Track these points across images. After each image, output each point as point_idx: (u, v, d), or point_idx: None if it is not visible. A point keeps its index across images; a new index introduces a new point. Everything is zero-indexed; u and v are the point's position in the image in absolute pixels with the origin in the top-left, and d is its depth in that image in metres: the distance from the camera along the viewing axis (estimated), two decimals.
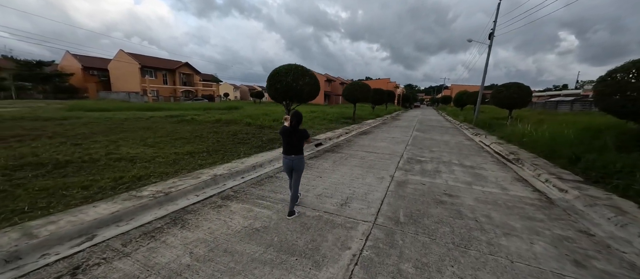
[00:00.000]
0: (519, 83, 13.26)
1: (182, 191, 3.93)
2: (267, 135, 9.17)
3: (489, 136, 11.03)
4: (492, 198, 4.20)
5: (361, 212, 3.52)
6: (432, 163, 6.52)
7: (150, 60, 36.89)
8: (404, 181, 4.93)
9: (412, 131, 13.54)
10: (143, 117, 13.31)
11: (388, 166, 6.01)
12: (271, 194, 4.12)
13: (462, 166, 6.29)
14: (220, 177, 4.66)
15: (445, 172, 5.66)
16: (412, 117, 25.71)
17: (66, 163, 4.75)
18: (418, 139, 10.67)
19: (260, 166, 5.69)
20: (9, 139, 6.43)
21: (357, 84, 15.91)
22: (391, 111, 32.51)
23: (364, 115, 21.36)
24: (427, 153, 7.79)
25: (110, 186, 3.93)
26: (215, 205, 3.63)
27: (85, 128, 8.77)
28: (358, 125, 14.90)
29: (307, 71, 8.25)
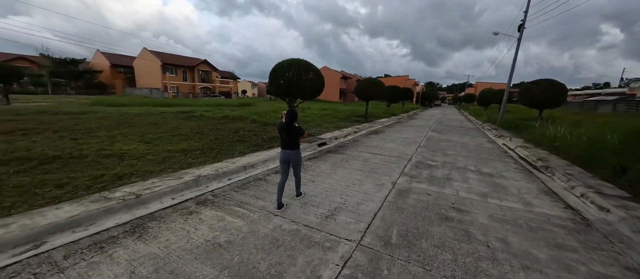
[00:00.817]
0: (551, 80, 11.87)
1: (157, 194, 3.65)
2: (269, 133, 8.84)
3: (514, 138, 9.93)
4: (511, 216, 3.50)
5: (347, 228, 3.01)
6: (444, 168, 5.80)
7: (171, 58, 38.24)
8: (406, 190, 4.33)
9: (427, 131, 12.62)
10: (155, 112, 13.57)
11: (392, 171, 5.40)
12: (252, 200, 3.73)
13: (478, 173, 5.53)
14: (204, 179, 4.35)
15: (458, 180, 4.96)
16: (430, 116, 24.36)
17: (54, 158, 4.68)
18: (432, 140, 9.84)
19: (252, 166, 5.34)
20: (16, 132, 6.60)
21: (369, 81, 15.16)
22: (408, 109, 31.14)
23: (378, 114, 20.51)
24: (439, 156, 7.04)
25: (86, 185, 3.74)
26: (186, 212, 3.30)
27: (95, 123, 8.95)
28: (370, 124, 14.21)
29: (310, 66, 7.77)
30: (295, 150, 3.47)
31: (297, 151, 3.49)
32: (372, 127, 13.47)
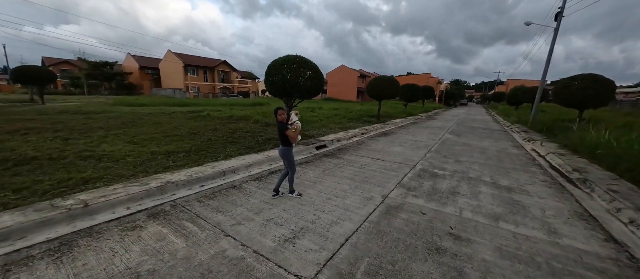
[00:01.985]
0: (595, 75, 10.20)
1: (111, 202, 3.33)
2: (268, 133, 8.43)
3: (546, 143, 8.59)
4: (527, 250, 2.69)
5: (304, 258, 2.43)
6: (452, 179, 4.95)
7: (192, 59, 39.74)
8: (397, 207, 3.62)
9: (443, 133, 11.50)
10: (167, 112, 13.83)
11: (387, 181, 4.69)
12: (211, 214, 3.27)
13: (494, 186, 4.62)
14: (172, 185, 3.98)
15: (465, 195, 4.13)
16: (452, 116, 22.65)
17: (31, 160, 4.60)
18: (447, 144, 8.82)
19: (233, 171, 4.92)
20: (19, 131, 6.82)
21: (382, 78, 14.24)
22: (428, 109, 29.36)
23: (393, 114, 19.43)
24: (450, 163, 6.14)
25: (45, 189, 3.53)
26: (129, 226, 2.91)
27: (102, 123, 9.15)
28: (381, 125, 13.33)
29: (308, 63, 7.22)
30: (283, 147, 3.66)
31: (284, 148, 3.67)
32: (383, 127, 12.60)
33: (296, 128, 3.66)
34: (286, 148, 3.67)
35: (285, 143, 3.64)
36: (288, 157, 3.71)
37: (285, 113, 3.64)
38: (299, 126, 3.71)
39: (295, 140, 3.69)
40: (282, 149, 3.69)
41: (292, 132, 3.58)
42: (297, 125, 3.69)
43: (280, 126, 3.59)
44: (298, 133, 3.68)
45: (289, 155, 3.71)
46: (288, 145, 3.66)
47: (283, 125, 3.58)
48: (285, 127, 3.57)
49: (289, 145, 3.66)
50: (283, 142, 3.65)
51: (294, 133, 3.60)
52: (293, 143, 3.69)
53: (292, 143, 3.68)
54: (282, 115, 3.60)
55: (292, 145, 3.72)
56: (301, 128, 3.74)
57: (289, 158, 3.72)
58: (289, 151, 3.71)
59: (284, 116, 3.62)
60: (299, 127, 3.71)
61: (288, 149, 3.69)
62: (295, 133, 3.61)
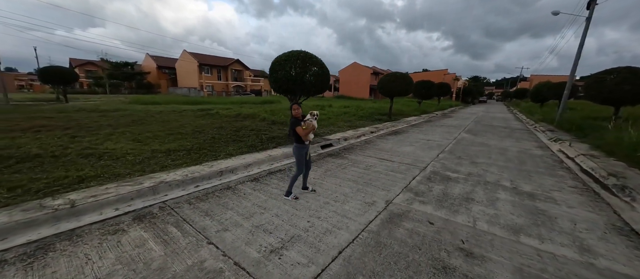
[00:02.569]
0: (632, 68, 9.16)
1: (100, 203, 3.22)
2: (273, 132, 8.24)
3: (575, 143, 7.80)
4: (555, 273, 2.26)
5: (288, 274, 2.16)
6: (466, 183, 4.50)
7: (206, 58, 40.55)
8: (401, 214, 3.27)
9: (459, 132, 10.83)
10: (178, 110, 14.05)
11: (393, 184, 4.32)
12: (199, 217, 3.08)
13: (515, 192, 4.13)
14: (165, 186, 3.85)
15: (481, 202, 3.69)
16: (470, 114, 21.54)
17: (34, 157, 4.64)
18: (463, 144, 8.23)
19: (231, 171, 4.74)
20: (33, 129, 7.04)
21: (394, 75, 13.66)
22: (444, 107, 28.20)
23: (407, 112, 18.75)
24: (465, 166, 5.64)
25: (39, 188, 3.48)
26: (112, 230, 2.77)
27: (112, 121, 9.35)
28: (392, 123, 12.82)
29: (313, 59, 6.91)
30: (294, 144, 3.57)
31: (294, 145, 3.58)
32: (394, 126, 12.10)
33: (307, 126, 3.42)
34: (296, 146, 3.53)
35: (297, 140, 3.51)
36: (296, 155, 3.55)
37: (300, 109, 3.50)
38: (311, 124, 3.45)
39: (306, 139, 3.48)
40: (293, 146, 3.57)
41: (302, 129, 3.38)
42: (309, 123, 3.45)
43: (292, 121, 3.46)
44: (309, 131, 3.45)
45: (298, 153, 3.53)
46: (299, 142, 3.50)
47: (296, 121, 3.44)
48: (298, 123, 3.42)
49: (300, 142, 3.49)
50: (295, 139, 3.53)
51: (303, 131, 3.39)
52: (305, 141, 3.48)
53: (305, 141, 3.48)
54: (297, 111, 3.47)
55: (304, 143, 3.50)
56: (315, 127, 3.49)
57: (297, 157, 3.55)
58: (299, 150, 3.52)
59: (299, 112, 3.49)
60: (312, 126, 3.46)
61: (298, 146, 3.52)
62: (305, 131, 3.40)
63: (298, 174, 3.65)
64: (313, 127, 3.48)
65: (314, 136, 3.75)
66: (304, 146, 3.53)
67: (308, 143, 3.58)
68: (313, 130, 3.51)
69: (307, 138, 3.47)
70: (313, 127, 3.49)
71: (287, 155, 5.98)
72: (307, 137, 3.47)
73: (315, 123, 3.50)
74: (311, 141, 3.68)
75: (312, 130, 3.50)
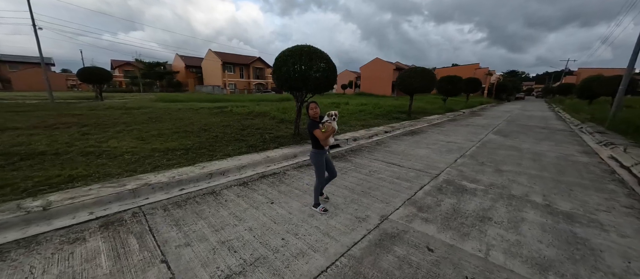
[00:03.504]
0: None
1: (76, 206, 3.11)
2: (279, 131, 7.96)
3: (633, 149, 6.49)
4: None
5: None
6: (485, 196, 3.79)
7: (230, 57, 41.78)
8: (395, 235, 2.73)
9: (486, 133, 9.70)
10: (196, 107, 14.40)
11: (395, 195, 3.76)
12: (168, 227, 2.82)
13: (547, 211, 3.36)
14: (148, 189, 3.69)
15: (500, 223, 3.01)
16: (503, 112, 19.59)
17: (38, 154, 4.79)
18: (489, 147, 7.27)
19: (222, 174, 4.50)
20: (53, 126, 7.46)
21: (414, 70, 12.68)
22: (474, 104, 26.04)
23: (429, 109, 17.51)
24: (487, 174, 4.85)
25: (27, 187, 3.49)
26: (72, 238, 2.60)
27: (130, 118, 9.72)
28: (411, 122, 11.94)
29: (318, 54, 6.46)
30: (311, 150, 3.13)
31: (311, 151, 3.14)
32: (412, 125, 11.23)
33: (327, 129, 2.94)
34: (314, 152, 3.08)
35: (314, 144, 3.05)
36: (314, 162, 3.12)
37: (318, 109, 3.02)
38: (330, 127, 2.96)
39: (326, 144, 3.00)
40: (311, 152, 3.12)
41: (321, 133, 2.92)
42: (328, 125, 2.96)
43: (310, 124, 3.01)
44: (329, 135, 2.97)
45: (315, 159, 3.09)
46: (318, 148, 3.04)
47: (313, 124, 2.99)
48: (316, 126, 2.97)
49: (318, 147, 3.03)
50: (313, 144, 3.07)
51: (322, 135, 2.92)
52: (325, 146, 3.03)
53: (325, 146, 3.03)
54: (314, 110, 2.99)
55: (323, 148, 3.05)
56: (335, 130, 3.02)
57: (315, 164, 3.12)
58: (316, 156, 3.08)
59: (316, 112, 3.00)
60: (332, 129, 2.97)
61: (315, 152, 3.07)
62: (324, 134, 2.92)
63: (319, 184, 3.19)
64: (333, 129, 2.99)
65: (334, 140, 3.27)
66: (323, 152, 3.09)
67: (327, 149, 3.11)
68: (333, 133, 3.03)
69: (326, 143, 2.99)
70: (333, 130, 3.00)
71: (287, 156, 5.64)
72: (327, 142, 2.99)
73: (335, 126, 3.01)
74: (329, 144, 3.08)
75: (332, 133, 3.03)
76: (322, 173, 3.17)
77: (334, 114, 3.01)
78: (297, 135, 7.38)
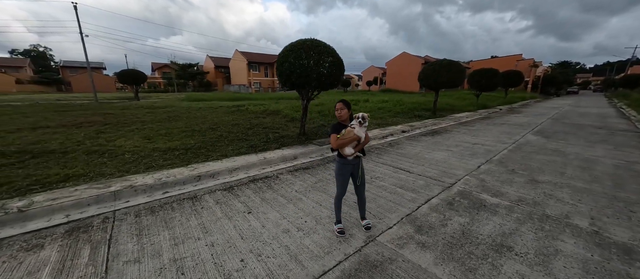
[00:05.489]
0: None
1: (53, 208, 3.08)
2: (286, 130, 7.66)
3: None
4: None
5: None
6: (509, 216, 3.04)
7: (255, 56, 42.84)
8: (378, 264, 2.20)
9: (524, 133, 8.39)
10: (215, 106, 14.78)
11: (393, 209, 3.18)
12: (129, 238, 2.62)
13: (595, 240, 2.54)
14: (130, 191, 3.59)
15: (524, 256, 2.31)
16: (548, 109, 17.18)
17: (48, 153, 5.02)
18: (524, 150, 6.18)
19: (211, 176, 4.29)
20: (79, 124, 7.99)
21: (439, 64, 11.51)
22: (514, 100, 23.34)
23: (459, 106, 15.97)
24: (516, 185, 4.00)
25: (22, 185, 3.59)
26: (31, 245, 2.51)
27: (152, 117, 10.17)
28: (434, 120, 10.89)
29: (320, 48, 5.98)
30: (336, 157, 2.62)
31: (336, 159, 2.63)
32: (435, 124, 10.21)
33: (345, 135, 2.44)
34: (336, 159, 2.60)
35: (338, 152, 2.55)
36: (335, 171, 2.64)
37: (346, 109, 2.52)
38: (351, 134, 2.42)
39: (345, 153, 2.48)
40: (336, 160, 2.63)
41: (335, 138, 2.45)
42: (348, 131, 2.45)
43: (332, 126, 2.56)
44: (346, 143, 2.43)
45: (336, 168, 2.62)
46: (339, 155, 2.54)
47: (335, 126, 2.54)
48: (337, 129, 2.51)
49: (340, 155, 2.53)
50: (337, 150, 2.56)
51: (336, 141, 2.44)
52: (347, 156, 2.50)
53: (346, 156, 2.50)
54: (341, 112, 2.52)
55: (345, 157, 2.52)
56: (358, 138, 2.44)
57: (335, 173, 2.65)
58: (338, 165, 2.59)
59: (344, 113, 2.51)
60: (352, 137, 2.42)
61: (337, 160, 2.59)
62: (339, 142, 2.43)
63: (337, 196, 2.69)
64: (354, 137, 2.42)
65: (361, 153, 2.60)
66: (346, 162, 2.54)
67: (351, 158, 2.52)
68: (353, 141, 2.44)
69: (345, 152, 2.48)
70: (353, 138, 2.42)
71: (285, 158, 5.29)
72: (345, 152, 2.48)
73: (359, 133, 2.42)
74: (350, 156, 2.50)
75: (351, 142, 2.44)
76: (342, 186, 2.63)
77: (360, 116, 2.43)
78: (302, 135, 7.00)
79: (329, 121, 9.34)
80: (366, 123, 2.45)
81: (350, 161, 2.54)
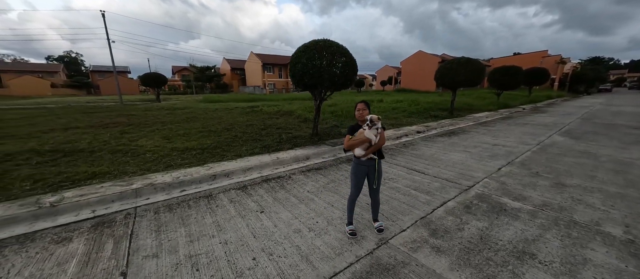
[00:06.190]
0: None
1: (80, 204, 3.28)
2: (299, 131, 7.71)
3: None
4: None
5: None
6: (532, 221, 2.87)
7: (269, 58, 43.53)
8: (390, 267, 2.15)
9: (550, 134, 7.91)
10: (231, 107, 15.15)
11: (407, 211, 3.11)
12: (148, 233, 2.74)
13: (630, 250, 2.35)
14: (150, 188, 3.75)
15: (548, 265, 2.17)
16: (577, 108, 16.12)
17: (78, 151, 5.36)
18: (550, 152, 5.83)
19: (226, 175, 4.40)
20: (106, 125, 8.48)
21: (457, 62, 11.12)
22: (539, 98, 22.11)
23: (478, 106, 15.34)
24: (541, 189, 3.77)
25: (55, 182, 3.86)
26: (60, 238, 2.68)
27: (171, 117, 10.60)
28: (451, 121, 10.53)
29: (332, 48, 5.96)
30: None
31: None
32: (452, 124, 9.87)
33: (358, 136, 2.43)
34: (353, 160, 2.61)
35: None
36: (350, 172, 2.65)
37: (367, 110, 2.54)
38: (362, 136, 2.41)
39: (357, 154, 2.49)
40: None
41: (348, 139, 2.48)
42: (360, 133, 2.44)
43: (349, 128, 2.58)
44: (356, 145, 2.44)
45: (351, 169, 2.63)
46: (355, 156, 2.54)
47: (352, 127, 2.56)
48: (352, 130, 2.54)
49: (355, 155, 2.54)
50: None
51: (348, 142, 2.47)
52: (362, 157, 2.49)
53: (361, 157, 2.50)
54: (360, 112, 2.53)
55: (357, 157, 2.52)
56: (369, 140, 2.40)
57: (350, 174, 2.65)
58: (353, 165, 2.61)
59: (364, 114, 2.50)
60: (362, 139, 2.40)
61: (353, 161, 2.60)
62: (350, 143, 2.46)
63: (351, 196, 2.68)
64: (363, 139, 2.40)
65: (376, 156, 2.54)
66: (361, 163, 2.53)
67: (364, 160, 2.51)
68: (363, 143, 2.43)
69: (355, 153, 2.49)
70: (363, 140, 2.41)
71: (298, 158, 5.32)
72: (355, 153, 2.49)
73: (370, 135, 2.38)
74: (361, 157, 2.49)
75: (361, 144, 2.43)
76: (355, 187, 2.60)
77: (368, 119, 2.38)
78: (315, 135, 7.01)
79: (342, 122, 9.29)
80: (377, 125, 2.40)
81: (364, 162, 2.52)
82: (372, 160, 2.53)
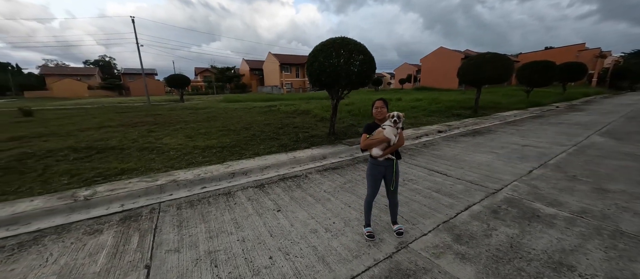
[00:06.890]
0: None
1: (110, 198, 3.48)
2: (315, 130, 7.69)
3: None
4: None
5: None
6: (570, 230, 2.62)
7: (286, 58, 44.01)
8: (409, 275, 2.05)
9: (588, 134, 7.25)
10: (249, 107, 15.51)
11: (428, 214, 2.97)
12: (170, 228, 2.84)
13: None
14: (173, 185, 3.91)
15: (589, 278, 1.96)
16: (620, 106, 14.67)
17: (109, 149, 5.71)
18: (589, 154, 5.34)
19: (244, 173, 4.48)
20: (135, 124, 8.98)
21: (482, 58, 10.52)
22: (574, 96, 20.42)
23: (505, 104, 14.47)
24: (579, 194, 3.45)
25: (89, 177, 4.13)
26: (92, 230, 2.85)
27: (194, 117, 11.04)
28: (475, 120, 10.01)
29: (349, 46, 5.86)
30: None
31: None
32: (477, 124, 9.37)
33: (376, 135, 2.37)
34: (369, 160, 2.53)
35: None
36: (366, 172, 2.57)
37: (385, 109, 2.46)
38: (381, 135, 2.33)
39: (373, 154, 2.41)
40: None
41: (364, 138, 2.42)
42: (378, 132, 2.37)
43: (365, 127, 2.50)
44: (375, 144, 2.36)
45: (367, 169, 2.54)
46: (371, 156, 2.45)
47: (369, 126, 2.48)
48: (370, 129, 2.46)
49: (371, 155, 2.45)
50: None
51: (365, 141, 2.41)
52: (379, 158, 2.40)
53: (378, 157, 2.40)
54: (378, 110, 2.45)
55: (374, 156, 2.43)
56: (388, 140, 2.31)
57: (366, 175, 2.56)
58: (369, 165, 2.52)
59: (382, 113, 2.44)
60: (381, 139, 2.32)
61: (369, 161, 2.52)
62: (367, 143, 2.39)
63: (367, 197, 2.59)
64: (382, 139, 2.31)
65: (393, 156, 2.44)
66: (377, 163, 2.44)
67: (382, 160, 2.41)
68: (382, 143, 2.33)
69: (372, 153, 2.41)
70: (382, 140, 2.32)
71: (315, 158, 5.30)
72: (372, 152, 2.40)
73: (389, 135, 2.29)
74: (379, 157, 2.39)
75: (380, 144, 2.34)
76: (372, 187, 2.52)
77: (395, 116, 2.29)
78: (332, 134, 6.96)
79: (359, 121, 9.15)
80: (401, 122, 2.31)
81: (381, 162, 2.43)
82: (389, 160, 2.44)
